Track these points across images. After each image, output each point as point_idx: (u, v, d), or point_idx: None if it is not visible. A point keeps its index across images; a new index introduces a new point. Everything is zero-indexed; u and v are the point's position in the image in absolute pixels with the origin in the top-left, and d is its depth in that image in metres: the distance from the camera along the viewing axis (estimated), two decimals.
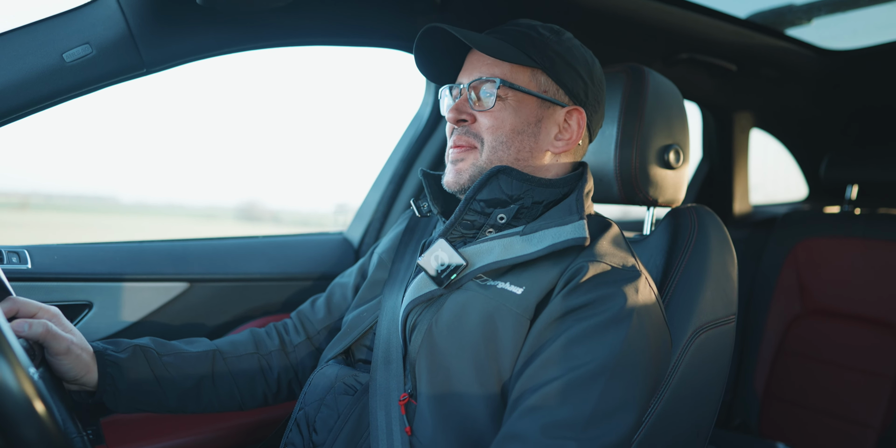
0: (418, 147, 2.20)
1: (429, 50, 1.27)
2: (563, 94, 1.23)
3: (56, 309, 1.20)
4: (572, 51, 1.23)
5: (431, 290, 1.17)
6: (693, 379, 1.25)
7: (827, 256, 2.67)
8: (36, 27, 1.31)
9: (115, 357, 1.25)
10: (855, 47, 2.42)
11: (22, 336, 1.08)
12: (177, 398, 1.32)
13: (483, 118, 1.21)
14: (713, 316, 1.29)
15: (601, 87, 1.29)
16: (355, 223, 2.28)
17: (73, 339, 1.17)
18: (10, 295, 1.15)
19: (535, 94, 1.21)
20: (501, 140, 1.20)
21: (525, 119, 1.21)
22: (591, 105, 1.26)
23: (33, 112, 1.36)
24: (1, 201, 3.52)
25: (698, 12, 1.96)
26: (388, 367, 1.20)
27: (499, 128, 1.20)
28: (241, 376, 1.39)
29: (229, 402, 1.39)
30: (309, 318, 1.52)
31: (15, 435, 0.76)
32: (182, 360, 1.34)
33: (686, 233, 1.38)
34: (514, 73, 1.20)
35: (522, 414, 1.01)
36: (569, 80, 1.22)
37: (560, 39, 1.23)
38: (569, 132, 1.24)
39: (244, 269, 1.90)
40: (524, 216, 1.20)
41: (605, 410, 1.00)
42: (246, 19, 1.49)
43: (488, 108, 1.20)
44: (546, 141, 1.23)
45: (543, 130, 1.22)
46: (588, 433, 0.98)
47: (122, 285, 1.68)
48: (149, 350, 1.31)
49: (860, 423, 2.40)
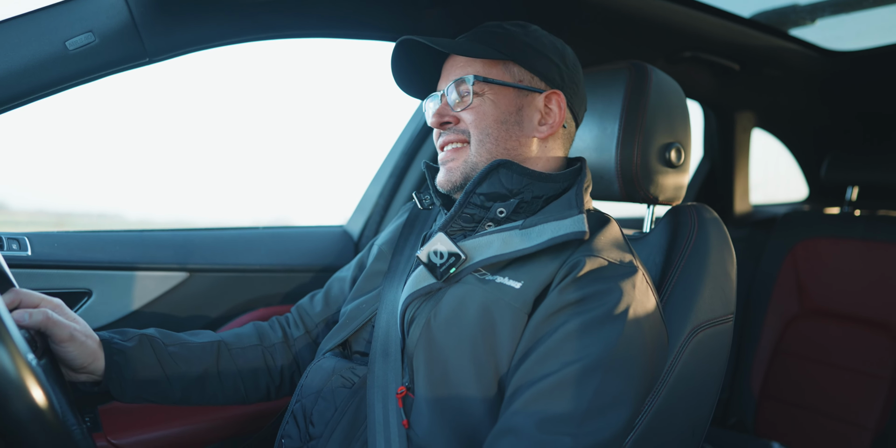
0: (420, 140, 2.20)
1: (407, 65, 1.30)
2: (539, 81, 1.25)
3: (59, 300, 1.20)
4: (541, 40, 1.26)
5: (430, 284, 1.18)
6: (690, 377, 1.25)
7: (826, 257, 2.67)
8: (39, 14, 1.31)
9: (122, 345, 1.25)
10: (858, 49, 2.41)
11: (23, 326, 1.08)
12: (181, 389, 1.32)
13: (465, 115, 1.23)
14: (711, 315, 1.29)
15: (576, 69, 1.31)
16: (355, 216, 2.28)
17: (77, 327, 1.17)
18: (12, 286, 1.16)
19: (511, 85, 1.23)
20: (487, 132, 1.22)
21: (505, 109, 1.22)
22: (568, 87, 1.27)
23: (35, 99, 1.35)
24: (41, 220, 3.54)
25: (702, 11, 1.95)
26: (387, 359, 1.20)
27: (482, 121, 1.22)
28: (245, 368, 1.40)
29: (233, 394, 1.39)
30: (307, 311, 1.52)
31: (12, 422, 0.76)
32: (188, 350, 1.34)
33: (686, 231, 1.38)
34: (486, 69, 1.23)
35: (518, 408, 1.01)
36: (541, 67, 1.24)
37: (527, 31, 1.26)
38: (551, 116, 1.26)
39: (244, 260, 1.90)
40: (523, 210, 1.21)
41: (601, 406, 1.00)
42: (249, 9, 1.48)
43: (468, 106, 1.22)
44: (530, 127, 1.24)
45: (526, 118, 1.24)
46: (583, 428, 0.98)
47: (121, 274, 1.68)
48: (155, 339, 1.31)
49: (856, 424, 2.40)
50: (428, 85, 1.35)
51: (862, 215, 2.70)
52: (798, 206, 3.51)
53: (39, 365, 0.82)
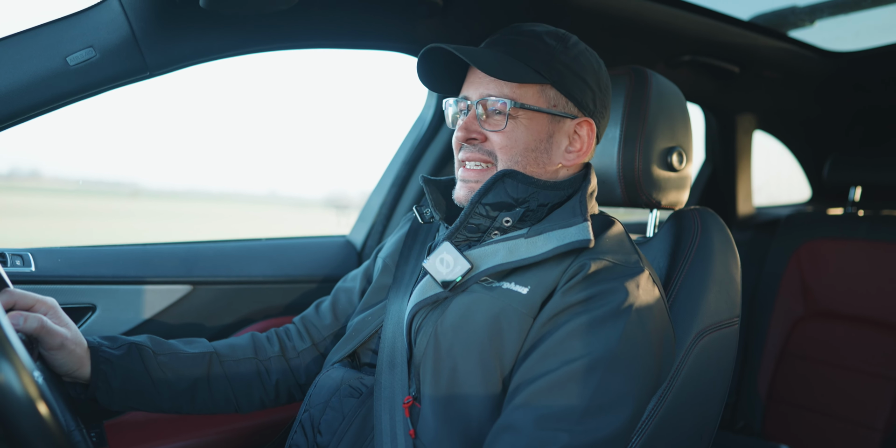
0: (421, 150, 2.20)
1: (432, 61, 1.25)
2: (573, 106, 1.22)
3: (53, 301, 1.20)
4: (579, 59, 1.21)
5: (437, 293, 1.18)
6: (696, 381, 1.25)
7: (830, 258, 2.66)
8: (39, 31, 1.31)
9: (110, 354, 1.24)
10: (858, 49, 2.42)
11: (17, 330, 1.08)
12: (170, 398, 1.31)
13: (495, 137, 1.20)
14: (717, 318, 1.29)
15: (608, 92, 1.28)
16: (358, 225, 2.28)
17: (68, 335, 1.17)
18: (7, 287, 1.16)
19: (546, 111, 1.19)
20: (516, 159, 1.19)
21: (537, 136, 1.20)
22: (598, 113, 1.25)
23: (37, 115, 1.36)
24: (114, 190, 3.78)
25: (701, 14, 1.96)
26: (393, 370, 1.20)
27: (512, 147, 1.19)
28: (237, 380, 1.38)
29: (224, 405, 1.38)
30: (314, 323, 1.50)
31: (17, 432, 0.76)
32: (177, 360, 1.33)
33: (689, 235, 1.38)
34: (522, 91, 1.18)
35: (518, 405, 1.02)
36: (577, 93, 1.20)
37: (566, 47, 1.21)
38: (579, 143, 1.24)
39: (247, 272, 1.90)
40: (528, 219, 1.20)
41: (601, 404, 1.00)
42: (248, 22, 1.49)
43: (500, 129, 1.19)
44: (558, 154, 1.22)
45: (555, 144, 1.22)
46: (582, 426, 0.98)
47: (125, 288, 1.68)
48: (144, 348, 1.30)
49: (864, 426, 2.39)
50: (451, 81, 1.29)
51: (865, 216, 2.69)
52: (801, 207, 3.50)
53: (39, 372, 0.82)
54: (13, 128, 1.34)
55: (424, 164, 2.21)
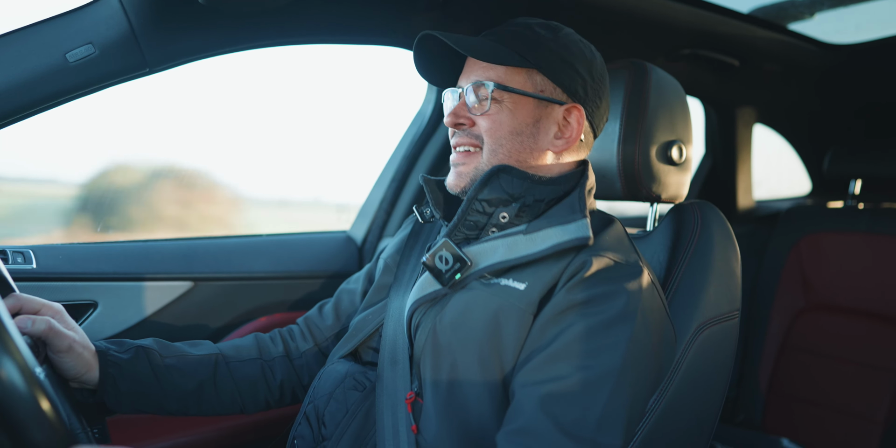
0: (420, 145, 2.20)
1: (429, 54, 1.27)
2: (561, 93, 1.22)
3: (59, 306, 1.20)
4: (570, 47, 1.22)
5: (436, 290, 1.18)
6: (697, 375, 1.25)
7: (831, 251, 2.66)
8: (38, 27, 1.31)
9: (118, 358, 1.25)
10: (858, 41, 2.41)
11: (25, 333, 1.09)
12: (177, 401, 1.32)
13: (481, 121, 1.21)
14: (717, 312, 1.29)
15: (602, 81, 1.27)
16: (358, 221, 2.28)
17: (76, 338, 1.17)
18: (13, 291, 1.16)
19: (531, 95, 1.20)
20: (500, 143, 1.20)
21: (522, 120, 1.20)
22: (590, 101, 1.24)
23: (36, 113, 1.36)
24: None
25: (700, 7, 1.95)
26: (395, 367, 1.20)
27: (497, 130, 1.20)
28: (243, 381, 1.39)
29: (231, 406, 1.39)
30: (317, 324, 1.51)
31: (22, 433, 0.76)
32: (184, 362, 1.33)
33: (689, 229, 1.38)
34: (508, 75, 1.20)
35: (532, 409, 1.02)
36: (566, 79, 1.21)
37: (556, 36, 1.22)
38: (569, 130, 1.23)
39: (248, 268, 1.90)
40: (526, 214, 1.20)
41: (615, 409, 1.01)
42: (248, 18, 1.49)
43: (485, 112, 1.20)
44: (546, 140, 1.22)
45: (542, 130, 1.22)
46: (600, 432, 0.99)
47: (126, 285, 1.68)
48: (151, 351, 1.31)
49: (865, 418, 2.40)
50: (450, 74, 1.31)
51: (866, 208, 2.69)
52: (801, 200, 3.50)
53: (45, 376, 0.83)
54: (13, 125, 1.34)
55: (425, 159, 2.21)
